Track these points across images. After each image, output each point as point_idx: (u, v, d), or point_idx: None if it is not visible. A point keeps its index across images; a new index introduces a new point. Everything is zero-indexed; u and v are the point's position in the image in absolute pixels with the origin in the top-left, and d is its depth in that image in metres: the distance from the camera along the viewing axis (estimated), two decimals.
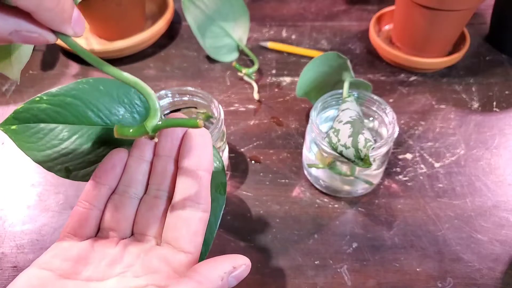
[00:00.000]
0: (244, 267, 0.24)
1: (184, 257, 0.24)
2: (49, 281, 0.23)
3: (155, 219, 0.26)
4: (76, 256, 0.24)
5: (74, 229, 0.25)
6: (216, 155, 0.28)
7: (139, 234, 0.26)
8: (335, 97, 0.43)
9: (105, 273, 0.24)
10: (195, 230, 0.24)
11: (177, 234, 0.24)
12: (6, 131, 0.26)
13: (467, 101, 0.54)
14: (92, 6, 0.56)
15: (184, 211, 0.24)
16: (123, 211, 0.26)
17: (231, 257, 0.24)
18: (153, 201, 0.26)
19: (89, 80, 0.27)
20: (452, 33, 0.55)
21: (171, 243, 0.24)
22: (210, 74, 0.59)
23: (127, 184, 0.27)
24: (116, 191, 0.27)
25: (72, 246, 0.25)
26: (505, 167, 0.47)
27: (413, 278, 0.38)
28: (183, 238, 0.24)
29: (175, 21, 0.67)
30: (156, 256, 0.24)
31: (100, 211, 0.26)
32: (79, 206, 0.26)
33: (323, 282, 0.39)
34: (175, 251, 0.24)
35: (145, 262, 0.24)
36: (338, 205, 0.44)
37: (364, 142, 0.36)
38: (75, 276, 0.23)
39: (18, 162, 0.49)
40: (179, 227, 0.24)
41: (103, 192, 0.26)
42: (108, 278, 0.24)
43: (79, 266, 0.24)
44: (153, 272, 0.23)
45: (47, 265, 0.23)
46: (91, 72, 0.60)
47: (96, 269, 0.24)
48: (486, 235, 0.41)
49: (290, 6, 0.70)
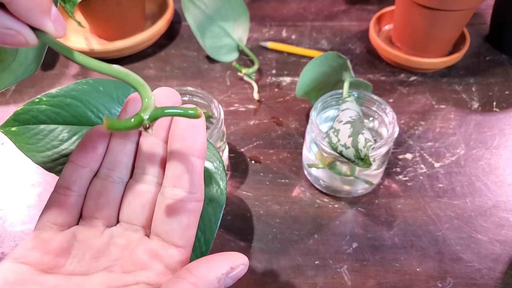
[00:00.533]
0: (242, 267, 0.21)
1: (176, 252, 0.22)
2: (28, 277, 0.20)
3: (143, 207, 0.23)
4: (57, 248, 0.22)
5: (53, 217, 0.23)
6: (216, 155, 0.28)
7: (126, 223, 0.24)
8: (335, 97, 0.43)
9: (90, 266, 0.22)
10: (187, 223, 0.22)
11: (168, 227, 0.22)
12: (6, 133, 0.26)
13: (467, 101, 0.54)
14: (92, 6, 0.56)
15: (175, 202, 0.22)
16: (107, 197, 0.24)
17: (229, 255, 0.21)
18: (140, 186, 0.24)
19: (88, 80, 0.27)
20: (452, 33, 0.55)
21: (161, 236, 0.22)
22: (210, 74, 0.59)
23: (110, 167, 0.24)
24: (98, 174, 0.24)
25: (53, 237, 0.22)
26: (505, 167, 0.47)
27: (413, 278, 0.39)
28: (175, 231, 0.22)
29: (175, 21, 0.67)
30: (145, 250, 0.22)
31: (81, 197, 0.24)
32: (58, 192, 0.23)
33: (323, 282, 0.39)
34: (166, 245, 0.22)
35: (134, 256, 0.22)
36: (338, 205, 0.44)
37: (364, 142, 0.36)
38: (57, 270, 0.21)
39: (18, 162, 0.49)
40: (170, 219, 0.22)
41: (83, 176, 0.23)
42: (94, 272, 0.22)
43: (61, 259, 0.22)
44: (143, 268, 0.22)
45: (25, 259, 0.21)
46: (91, 72, 0.60)
47: (80, 262, 0.22)
48: (486, 235, 0.41)
49: (290, 6, 0.70)
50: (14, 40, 0.18)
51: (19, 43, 0.18)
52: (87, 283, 0.21)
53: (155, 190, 0.24)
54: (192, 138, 0.22)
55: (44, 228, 0.23)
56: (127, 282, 0.21)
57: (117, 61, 0.60)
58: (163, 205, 0.22)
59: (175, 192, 0.22)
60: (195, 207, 0.22)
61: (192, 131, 0.22)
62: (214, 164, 0.27)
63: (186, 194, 0.22)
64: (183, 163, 0.22)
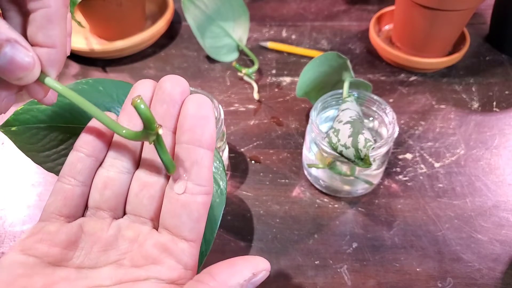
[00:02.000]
0: (264, 273, 0.21)
1: (186, 246, 0.21)
2: (37, 269, 0.20)
3: (151, 199, 0.23)
4: (65, 240, 0.21)
5: (59, 208, 0.22)
6: (216, 155, 0.28)
7: (133, 215, 0.23)
8: (335, 97, 0.43)
9: (98, 260, 0.22)
10: (197, 216, 0.21)
11: (177, 221, 0.21)
12: (6, 132, 0.26)
13: (467, 101, 0.54)
14: (92, 6, 0.56)
15: (185, 194, 0.21)
16: (112, 188, 0.23)
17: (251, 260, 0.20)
18: (148, 178, 0.23)
19: (88, 80, 0.27)
20: (452, 33, 0.55)
21: (171, 229, 0.22)
22: (210, 74, 0.59)
23: (115, 156, 0.23)
24: (103, 164, 0.23)
25: (60, 228, 0.22)
26: (505, 167, 0.47)
27: (413, 278, 0.39)
28: (185, 225, 0.21)
29: (175, 21, 0.67)
30: (154, 244, 0.22)
31: (87, 187, 0.23)
32: (63, 182, 0.23)
33: (323, 282, 0.39)
34: (175, 239, 0.21)
35: (144, 250, 0.22)
36: (338, 205, 0.44)
37: (364, 142, 0.36)
38: (65, 263, 0.21)
39: (18, 162, 0.49)
40: (179, 212, 0.21)
41: (88, 165, 0.23)
42: (103, 266, 0.21)
43: (69, 252, 0.21)
44: (153, 263, 0.21)
45: (32, 251, 0.20)
46: (91, 72, 0.60)
47: (88, 255, 0.22)
48: (486, 235, 0.41)
49: (290, 6, 0.70)
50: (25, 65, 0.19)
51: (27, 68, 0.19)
52: (96, 277, 0.21)
53: (163, 182, 0.23)
54: (201, 129, 0.21)
55: (49, 220, 0.22)
56: (138, 277, 0.21)
57: (117, 61, 0.60)
58: (172, 198, 0.22)
59: (184, 185, 0.22)
60: (204, 200, 0.22)
61: (201, 122, 0.22)
62: (214, 164, 0.27)
63: (195, 186, 0.21)
64: (192, 155, 0.22)
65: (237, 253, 0.41)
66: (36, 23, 0.20)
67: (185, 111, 0.22)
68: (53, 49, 0.20)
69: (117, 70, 0.60)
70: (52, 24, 0.20)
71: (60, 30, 0.20)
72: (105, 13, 0.57)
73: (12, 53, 0.19)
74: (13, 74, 0.19)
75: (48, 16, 0.20)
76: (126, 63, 0.61)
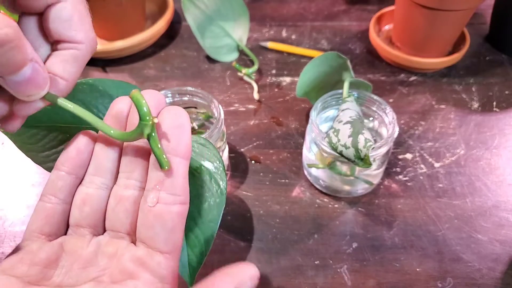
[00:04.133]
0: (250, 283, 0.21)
1: (162, 259, 0.21)
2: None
3: (126, 212, 0.23)
4: (45, 259, 0.21)
5: (40, 227, 0.23)
6: (216, 155, 0.28)
7: (112, 231, 0.23)
8: (335, 97, 0.43)
9: (79, 277, 0.22)
10: (171, 227, 0.21)
11: (151, 232, 0.21)
12: (6, 132, 0.26)
13: (467, 101, 0.54)
14: (92, 6, 0.55)
15: (158, 205, 0.21)
16: (91, 205, 0.23)
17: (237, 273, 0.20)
18: (123, 191, 0.23)
19: (88, 80, 0.27)
20: (452, 33, 0.55)
21: (146, 242, 0.21)
22: (210, 74, 0.59)
23: (93, 173, 0.24)
24: (83, 182, 0.24)
25: (40, 247, 0.22)
26: (505, 167, 0.47)
27: (413, 278, 0.39)
28: (159, 237, 0.21)
29: (175, 21, 0.67)
30: (131, 258, 0.22)
31: (68, 205, 0.23)
32: (44, 200, 0.23)
33: (323, 282, 0.39)
34: (151, 252, 0.21)
35: (121, 265, 0.22)
36: (338, 205, 0.44)
37: (364, 142, 0.36)
38: (45, 282, 0.21)
39: (18, 162, 0.49)
40: (153, 223, 0.21)
41: (69, 183, 0.23)
42: (82, 283, 0.21)
43: (49, 271, 0.21)
44: (130, 277, 0.21)
45: (12, 271, 0.21)
46: (91, 72, 0.60)
47: (68, 273, 0.22)
48: (486, 235, 0.41)
49: (290, 6, 0.70)
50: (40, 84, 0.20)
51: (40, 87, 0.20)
52: None
53: (138, 195, 0.23)
54: (176, 139, 0.21)
55: (31, 239, 0.23)
56: None
57: (117, 61, 0.60)
58: (146, 210, 0.22)
59: (158, 195, 0.21)
60: (179, 210, 0.21)
61: (177, 131, 0.21)
62: (214, 164, 0.27)
63: (169, 196, 0.21)
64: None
65: (237, 253, 0.41)
66: (62, 57, 0.22)
67: (161, 121, 0.22)
68: (65, 82, 0.22)
69: (117, 70, 0.60)
70: (76, 63, 0.22)
71: (78, 69, 0.22)
72: (105, 13, 0.57)
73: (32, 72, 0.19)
74: (27, 90, 0.20)
75: (76, 57, 0.22)
76: (126, 63, 0.61)
